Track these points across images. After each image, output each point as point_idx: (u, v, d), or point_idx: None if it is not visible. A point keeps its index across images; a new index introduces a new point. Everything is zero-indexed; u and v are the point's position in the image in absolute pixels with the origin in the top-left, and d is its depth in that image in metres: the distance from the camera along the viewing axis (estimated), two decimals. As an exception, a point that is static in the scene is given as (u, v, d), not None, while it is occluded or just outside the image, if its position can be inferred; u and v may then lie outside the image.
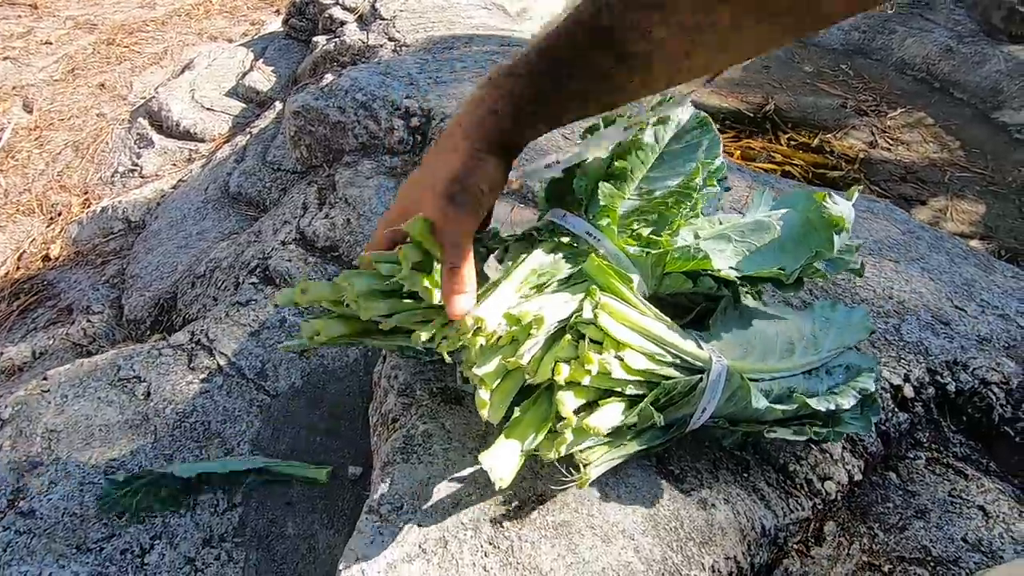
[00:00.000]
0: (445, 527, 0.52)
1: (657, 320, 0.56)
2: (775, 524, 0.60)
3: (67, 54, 3.62)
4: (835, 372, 0.63)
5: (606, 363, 0.51)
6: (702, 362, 0.56)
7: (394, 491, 0.55)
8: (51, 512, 0.80)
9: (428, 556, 0.50)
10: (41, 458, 0.87)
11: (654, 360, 0.54)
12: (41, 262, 1.95)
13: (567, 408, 0.50)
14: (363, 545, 0.50)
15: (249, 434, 0.93)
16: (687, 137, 0.69)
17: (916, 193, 2.54)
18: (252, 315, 1.12)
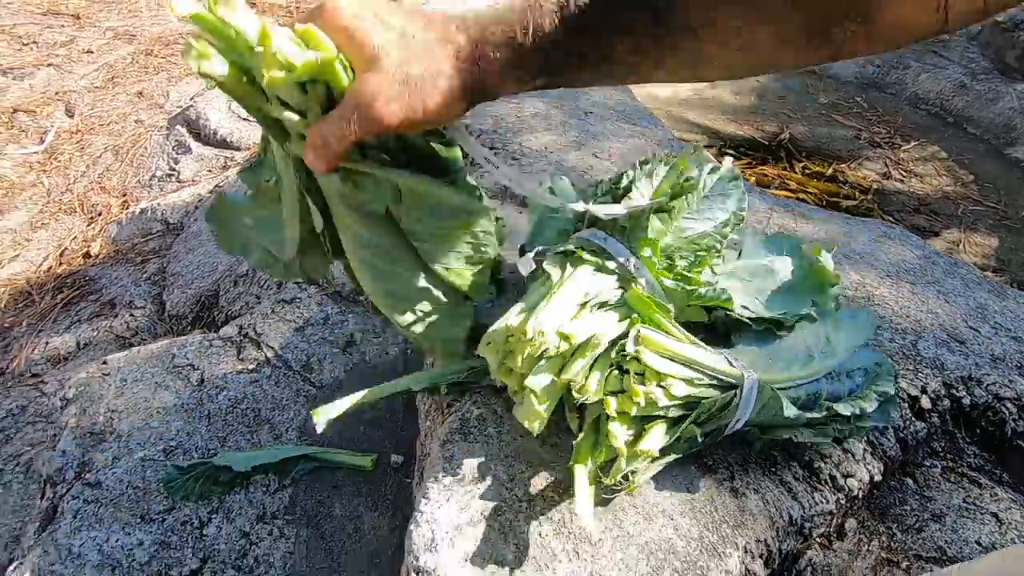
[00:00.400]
0: (503, 498, 0.57)
1: (693, 346, 0.61)
2: (801, 514, 0.65)
3: (107, 63, 3.76)
4: (855, 375, 0.68)
5: (651, 394, 0.56)
6: (735, 378, 0.61)
7: (455, 465, 0.60)
8: (116, 484, 0.86)
9: (490, 522, 0.55)
10: (104, 435, 0.93)
11: (692, 384, 0.59)
12: (82, 259, 2.03)
13: (619, 440, 0.55)
14: (432, 510, 0.55)
15: (297, 421, 0.98)
16: (721, 187, 0.76)
17: (929, 224, 2.60)
18: (296, 312, 1.19)
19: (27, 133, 2.88)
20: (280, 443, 0.94)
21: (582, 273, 0.63)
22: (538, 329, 0.56)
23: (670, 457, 0.61)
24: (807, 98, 3.22)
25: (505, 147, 1.36)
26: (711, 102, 3.07)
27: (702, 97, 2.99)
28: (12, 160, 2.64)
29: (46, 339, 1.60)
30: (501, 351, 0.59)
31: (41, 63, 3.61)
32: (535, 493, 0.59)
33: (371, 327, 1.16)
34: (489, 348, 0.60)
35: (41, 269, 1.99)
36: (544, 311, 0.58)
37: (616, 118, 1.58)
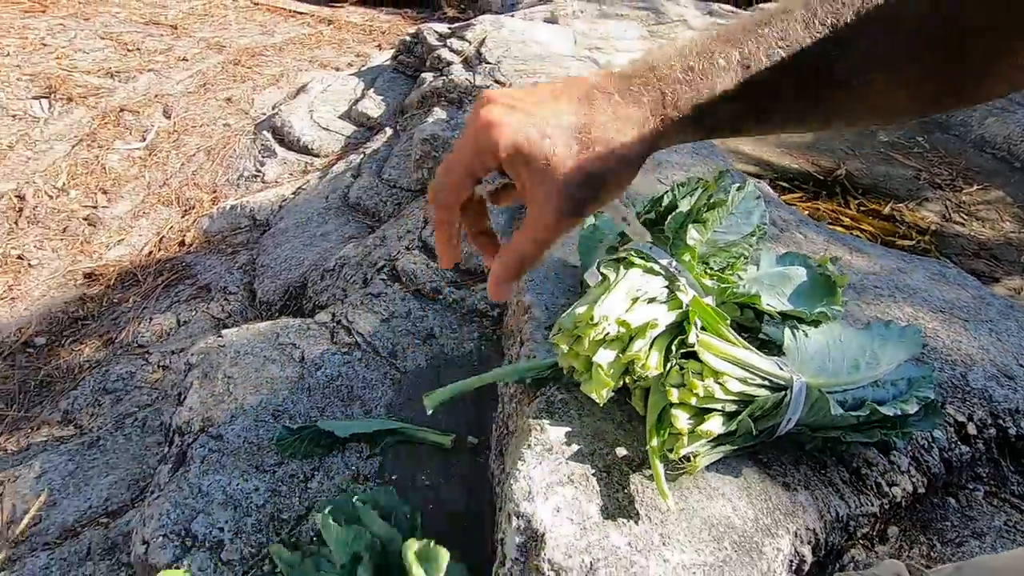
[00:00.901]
0: (586, 468, 0.67)
1: (746, 349, 0.70)
2: (847, 512, 0.72)
3: (200, 70, 4.11)
4: (898, 383, 0.76)
5: (709, 388, 0.65)
6: (785, 381, 0.70)
7: (545, 437, 0.70)
8: (234, 439, 1.00)
9: (576, 484, 0.65)
10: (222, 397, 1.08)
11: (746, 383, 0.68)
12: (178, 246, 2.25)
13: (681, 423, 0.65)
14: (527, 468, 0.65)
15: (384, 400, 1.11)
16: (747, 204, 0.86)
17: (989, 270, 2.56)
18: (383, 305, 1.32)
19: (131, 131, 3.19)
20: (371, 417, 1.07)
21: (633, 273, 0.73)
22: (603, 315, 0.66)
23: (728, 447, 0.70)
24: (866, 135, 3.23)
25: (576, 169, 1.48)
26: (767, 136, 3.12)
27: (760, 130, 3.04)
28: (119, 155, 2.92)
29: (150, 315, 1.79)
30: (570, 337, 0.70)
31: (143, 68, 3.98)
32: (612, 466, 0.68)
33: (448, 323, 1.28)
34: (560, 336, 0.71)
35: (143, 253, 2.22)
36: (604, 303, 0.68)
37: (683, 148, 1.68)
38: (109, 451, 1.25)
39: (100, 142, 3.04)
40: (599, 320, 0.66)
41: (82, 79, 3.68)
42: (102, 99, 3.48)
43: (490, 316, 1.29)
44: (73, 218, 2.40)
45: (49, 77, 3.57)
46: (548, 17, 3.58)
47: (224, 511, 0.89)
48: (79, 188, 2.61)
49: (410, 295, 1.35)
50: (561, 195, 0.43)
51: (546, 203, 0.43)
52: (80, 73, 3.76)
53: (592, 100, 0.44)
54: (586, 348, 0.67)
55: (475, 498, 0.95)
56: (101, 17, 4.60)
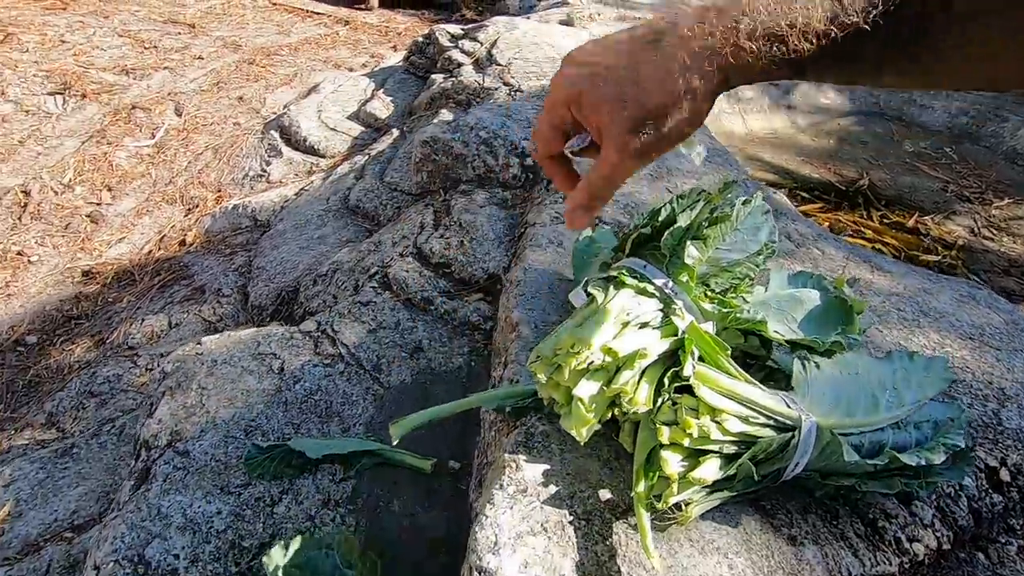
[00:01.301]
0: (563, 514, 0.60)
1: (748, 384, 0.62)
2: (861, 572, 0.64)
3: (214, 69, 4.11)
4: (923, 427, 0.67)
5: (705, 427, 0.57)
6: (792, 420, 0.62)
7: (520, 476, 0.63)
8: (201, 455, 0.94)
9: (548, 534, 0.57)
10: (194, 409, 1.02)
11: (748, 422, 0.60)
12: (178, 246, 2.22)
13: (671, 467, 0.57)
14: (496, 514, 0.58)
15: (364, 417, 1.04)
16: (754, 220, 0.77)
17: (1020, 288, 2.43)
18: (371, 315, 1.26)
19: (141, 128, 3.19)
20: (348, 436, 1.00)
21: (624, 295, 0.65)
22: (585, 342, 0.59)
23: (726, 494, 0.62)
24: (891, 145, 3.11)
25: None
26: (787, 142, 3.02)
27: (779, 137, 2.95)
28: (127, 152, 2.92)
29: (143, 316, 1.75)
30: (549, 365, 0.63)
31: (158, 66, 3.99)
32: (592, 512, 0.61)
33: (438, 336, 1.22)
34: (538, 364, 0.64)
35: (143, 252, 2.19)
36: (588, 327, 0.61)
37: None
38: (82, 460, 1.21)
39: (110, 139, 3.04)
40: (581, 348, 0.59)
41: (97, 76, 3.70)
42: (115, 96, 3.49)
43: (482, 329, 1.22)
44: (76, 215, 2.38)
45: (65, 73, 3.60)
46: (564, 20, 3.51)
47: (182, 536, 0.83)
48: (85, 185, 2.60)
49: (400, 304, 1.29)
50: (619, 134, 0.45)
51: (608, 142, 0.47)
52: (96, 70, 3.78)
53: (657, 41, 0.45)
54: (567, 378, 0.60)
55: (455, 526, 0.88)
56: (120, 15, 4.64)
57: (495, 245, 1.36)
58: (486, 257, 1.33)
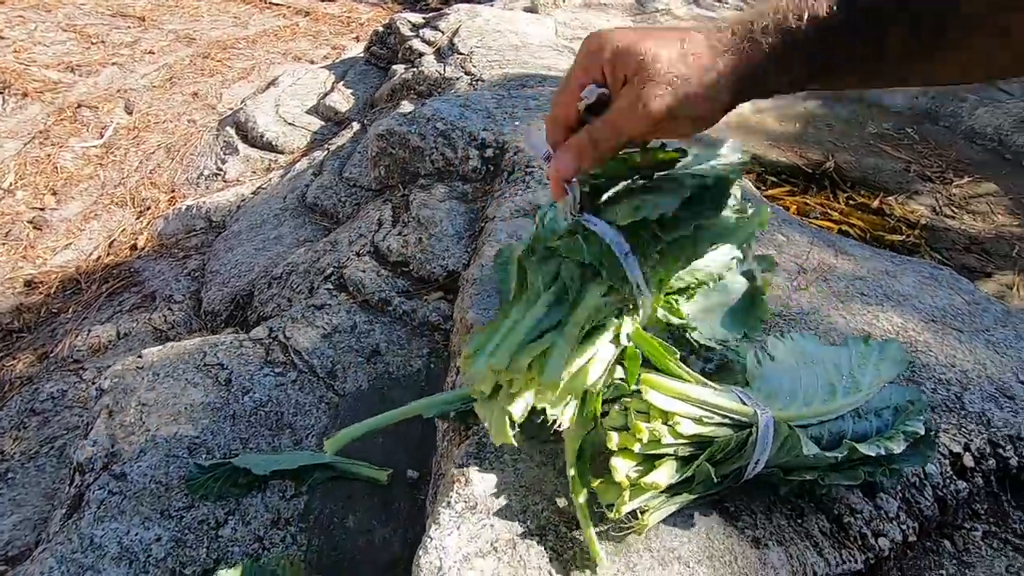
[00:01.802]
0: (515, 530, 0.56)
1: (699, 384, 0.59)
2: (827, 572, 0.62)
3: (167, 64, 3.95)
4: (883, 413, 0.65)
5: (656, 432, 0.54)
6: (748, 417, 0.59)
7: (469, 491, 0.59)
8: (140, 478, 0.88)
9: (499, 554, 0.54)
10: (133, 428, 0.96)
11: (702, 423, 0.57)
12: (129, 251, 2.12)
13: (620, 474, 0.53)
14: (441, 536, 0.54)
15: (317, 428, 0.99)
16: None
17: (980, 265, 2.47)
18: (326, 318, 1.20)
19: (88, 128, 3.04)
20: (300, 448, 0.95)
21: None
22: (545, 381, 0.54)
23: (686, 497, 0.59)
24: (855, 127, 3.13)
25: (542, 166, 1.36)
26: (754, 127, 3.02)
27: (744, 121, 2.95)
28: (73, 153, 2.78)
29: (89, 327, 1.66)
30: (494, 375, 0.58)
31: (106, 62, 3.81)
32: (547, 525, 0.58)
33: (396, 338, 1.17)
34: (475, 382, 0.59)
35: (91, 259, 2.08)
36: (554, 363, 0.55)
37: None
38: (18, 485, 1.13)
39: (54, 140, 2.88)
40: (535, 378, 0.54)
41: (40, 73, 3.52)
42: (60, 94, 3.32)
43: (442, 330, 1.17)
44: (17, 221, 2.25)
45: (4, 71, 3.41)
46: (528, 6, 3.45)
47: (117, 567, 0.77)
48: (27, 189, 2.47)
49: (356, 306, 1.23)
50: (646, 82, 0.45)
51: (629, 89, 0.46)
52: (38, 67, 3.59)
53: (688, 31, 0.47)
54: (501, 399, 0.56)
55: (415, 540, 0.84)
56: (64, 8, 4.42)
57: (455, 241, 1.32)
58: (445, 254, 1.28)
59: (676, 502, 0.59)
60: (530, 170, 1.36)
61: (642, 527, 0.55)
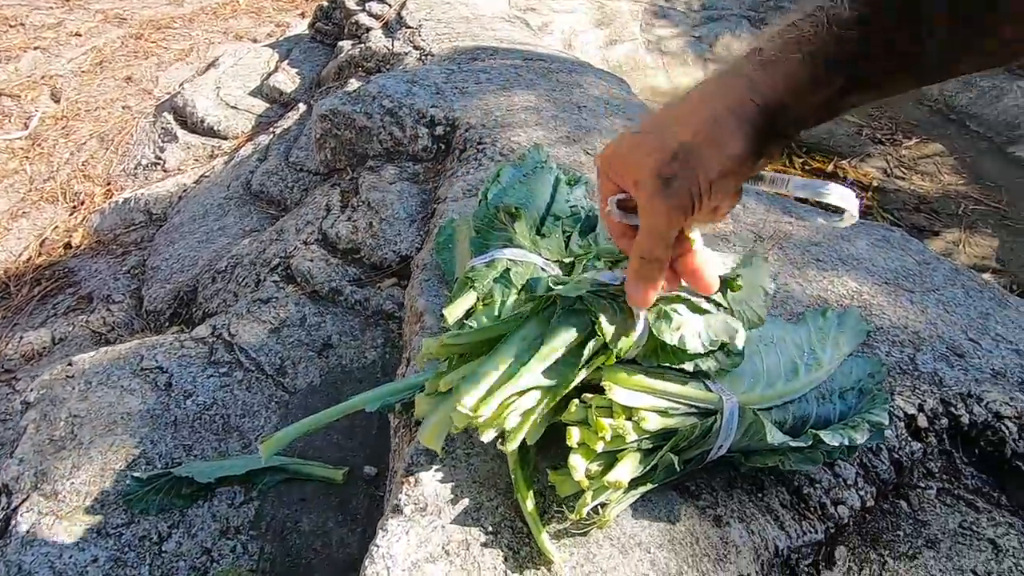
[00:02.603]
0: (468, 531, 0.53)
1: (662, 379, 0.56)
2: (788, 545, 0.61)
3: (96, 47, 3.68)
4: (847, 396, 0.64)
5: (619, 428, 0.52)
6: (713, 404, 0.57)
7: (419, 492, 0.56)
8: (73, 496, 0.82)
9: (451, 558, 0.51)
10: (64, 443, 0.89)
11: (667, 415, 0.54)
12: (63, 250, 1.99)
13: (579, 473, 0.51)
14: (388, 544, 0.51)
15: (267, 429, 0.94)
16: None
17: (929, 223, 2.55)
18: (273, 312, 1.14)
19: (10, 118, 2.82)
20: (249, 452, 0.90)
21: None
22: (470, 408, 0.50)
23: (647, 487, 0.57)
24: (809, 92, 3.15)
25: (494, 143, 1.31)
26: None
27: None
28: (-6, 146, 2.57)
29: (20, 334, 1.55)
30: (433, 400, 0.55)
31: (28, 46, 3.53)
32: (502, 522, 0.55)
33: (349, 329, 1.12)
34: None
35: (20, 260, 1.94)
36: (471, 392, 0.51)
37: (611, 113, 1.53)
38: (-56, 510, 1.05)
39: (-28, 133, 2.67)
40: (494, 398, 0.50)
41: (-48, 61, 3.24)
42: (-24, 83, 3.07)
43: (397, 318, 1.13)
44: (-65, 223, 2.08)
45: (-90, 60, 3.13)
46: (478, -24, 3.33)
47: (50, 594, 0.72)
48: (-56, 187, 2.28)
49: (306, 298, 1.17)
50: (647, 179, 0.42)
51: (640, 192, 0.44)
52: (-51, 54, 3.31)
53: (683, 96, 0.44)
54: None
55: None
56: (-26, -12, 4.08)
57: (407, 224, 1.26)
58: (397, 238, 1.23)
59: (638, 492, 0.57)
60: (482, 147, 1.31)
61: (603, 522, 0.53)
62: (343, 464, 0.88)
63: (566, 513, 0.52)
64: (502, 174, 0.85)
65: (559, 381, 0.51)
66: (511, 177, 0.83)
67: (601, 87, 1.68)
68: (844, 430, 0.58)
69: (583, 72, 1.77)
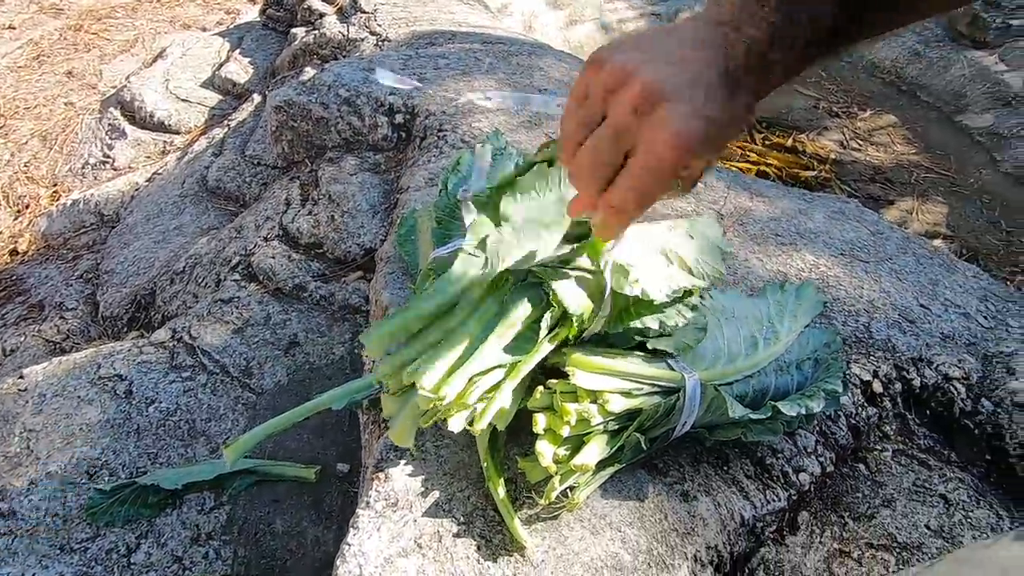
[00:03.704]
0: (440, 523, 0.53)
1: (625, 359, 0.57)
2: (753, 515, 0.63)
3: (32, 39, 3.49)
4: (804, 366, 0.66)
5: (584, 412, 0.52)
6: (676, 382, 0.58)
7: (389, 488, 0.56)
8: (32, 513, 0.79)
9: (424, 551, 0.51)
10: (20, 459, 0.86)
11: (631, 396, 0.55)
12: (8, 256, 1.89)
13: (547, 459, 0.51)
14: (360, 541, 0.51)
15: (235, 432, 0.92)
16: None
17: (884, 193, 2.63)
18: (235, 312, 1.12)
19: (-58, 119, 2.65)
20: (216, 457, 0.88)
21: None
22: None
23: (615, 467, 0.58)
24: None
25: (455, 129, 1.29)
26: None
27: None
28: (-74, 149, 2.42)
29: (-32, 347, 1.48)
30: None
31: (-44, 41, 3.32)
32: (473, 512, 0.55)
33: (315, 326, 1.10)
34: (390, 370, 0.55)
35: (-37, 269, 1.85)
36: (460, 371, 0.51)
37: (570, 95, 1.52)
38: None
39: (-99, 136, 2.51)
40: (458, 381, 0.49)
41: None
42: (-99, 82, 2.88)
43: (364, 312, 1.11)
44: None
45: None
46: (433, -44, 3.25)
47: (14, 615, 0.70)
48: None
49: (269, 296, 1.15)
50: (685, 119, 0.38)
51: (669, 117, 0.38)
52: None
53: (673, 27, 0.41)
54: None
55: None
56: None
57: (370, 216, 1.24)
58: (361, 231, 1.21)
59: (606, 474, 0.58)
60: (443, 134, 1.29)
61: (573, 505, 0.54)
62: (315, 463, 0.87)
63: (536, 499, 0.53)
64: (461, 163, 0.84)
65: (520, 356, 0.52)
66: (470, 166, 0.82)
67: (562, 69, 1.67)
68: (801, 400, 0.60)
69: (543, 54, 1.75)
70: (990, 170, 2.65)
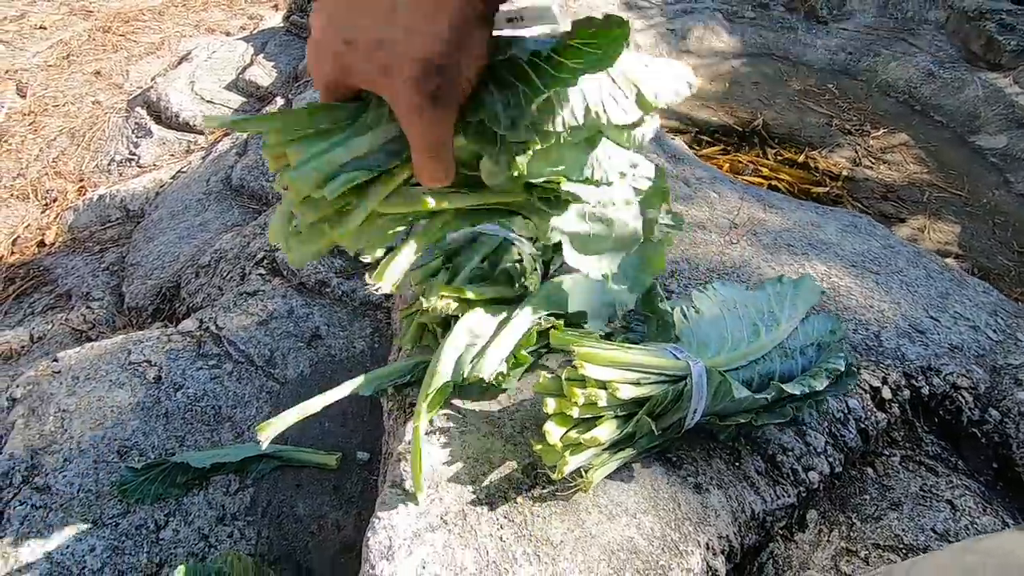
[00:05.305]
0: (464, 501, 0.56)
1: (629, 350, 0.59)
2: (763, 509, 0.65)
3: (62, 40, 3.59)
4: (808, 351, 0.69)
5: (593, 396, 0.55)
6: (682, 370, 0.61)
7: (416, 468, 0.59)
8: (66, 488, 0.83)
9: (449, 527, 0.54)
10: (55, 437, 0.89)
11: (639, 385, 0.58)
12: (36, 248, 1.95)
13: (554, 437, 0.54)
14: (389, 515, 0.54)
15: (259, 419, 0.95)
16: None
17: (896, 211, 2.65)
18: (260, 305, 1.15)
19: (-25, 114, 2.73)
20: (241, 441, 0.92)
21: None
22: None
23: (629, 452, 0.61)
24: (779, 84, 3.24)
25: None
26: (686, 88, 3.05)
27: (677, 83, 2.97)
28: (-41, 143, 2.50)
29: (-3, 333, 1.53)
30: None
31: (-11, 39, 3.43)
32: (495, 494, 0.58)
33: (337, 320, 1.13)
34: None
35: (-8, 259, 1.90)
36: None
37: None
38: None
39: (-65, 129, 2.59)
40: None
41: (-91, 55, 3.13)
42: (-64, 78, 2.97)
43: (384, 308, 1.15)
44: (-100, 223, 2.02)
45: None
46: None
47: (49, 583, 0.73)
48: (-92, 186, 2.21)
49: (292, 290, 1.19)
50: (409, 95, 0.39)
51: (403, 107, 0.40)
52: (-94, 48, 3.19)
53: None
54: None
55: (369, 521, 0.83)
56: (-70, -21, 3.93)
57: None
58: (383, 230, 1.24)
59: (620, 458, 0.60)
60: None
61: (588, 484, 0.57)
62: (337, 450, 0.90)
63: (551, 476, 0.55)
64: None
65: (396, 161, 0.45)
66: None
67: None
68: (804, 379, 0.63)
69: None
70: (1003, 191, 2.66)
